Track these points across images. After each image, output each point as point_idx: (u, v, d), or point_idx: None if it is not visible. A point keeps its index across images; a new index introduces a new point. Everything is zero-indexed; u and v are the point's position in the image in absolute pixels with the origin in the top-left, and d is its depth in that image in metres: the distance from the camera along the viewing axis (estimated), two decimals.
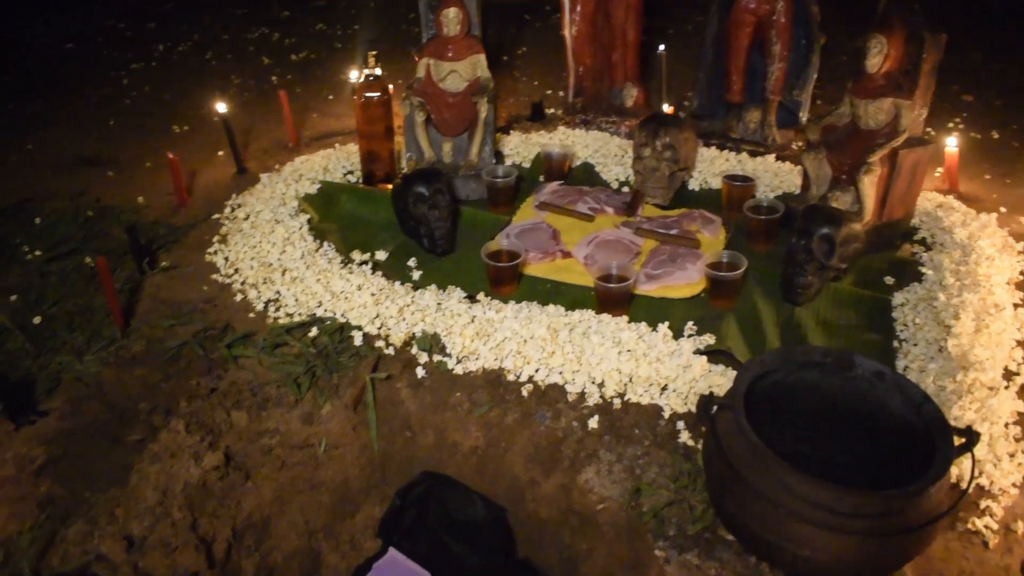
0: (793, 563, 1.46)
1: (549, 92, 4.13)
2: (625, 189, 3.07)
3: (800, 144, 3.20)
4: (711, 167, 3.13)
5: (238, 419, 2.06)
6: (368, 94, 3.00)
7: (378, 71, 3.02)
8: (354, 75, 3.14)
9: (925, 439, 1.52)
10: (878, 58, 2.47)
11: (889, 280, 2.47)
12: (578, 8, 3.38)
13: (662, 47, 3.17)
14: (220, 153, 3.56)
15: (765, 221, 2.61)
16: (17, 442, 1.99)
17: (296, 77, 4.57)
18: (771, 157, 3.17)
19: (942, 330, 2.17)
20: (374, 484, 2.08)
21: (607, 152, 3.29)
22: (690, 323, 2.24)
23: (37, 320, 2.43)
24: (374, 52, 3.03)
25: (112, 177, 3.43)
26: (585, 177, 3.18)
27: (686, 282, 2.43)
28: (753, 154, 3.21)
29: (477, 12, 2.96)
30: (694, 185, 3.08)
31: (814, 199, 2.70)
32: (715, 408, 1.60)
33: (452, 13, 2.91)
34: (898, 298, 2.36)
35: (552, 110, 3.82)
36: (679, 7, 5.12)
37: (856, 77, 2.56)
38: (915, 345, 2.15)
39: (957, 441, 1.50)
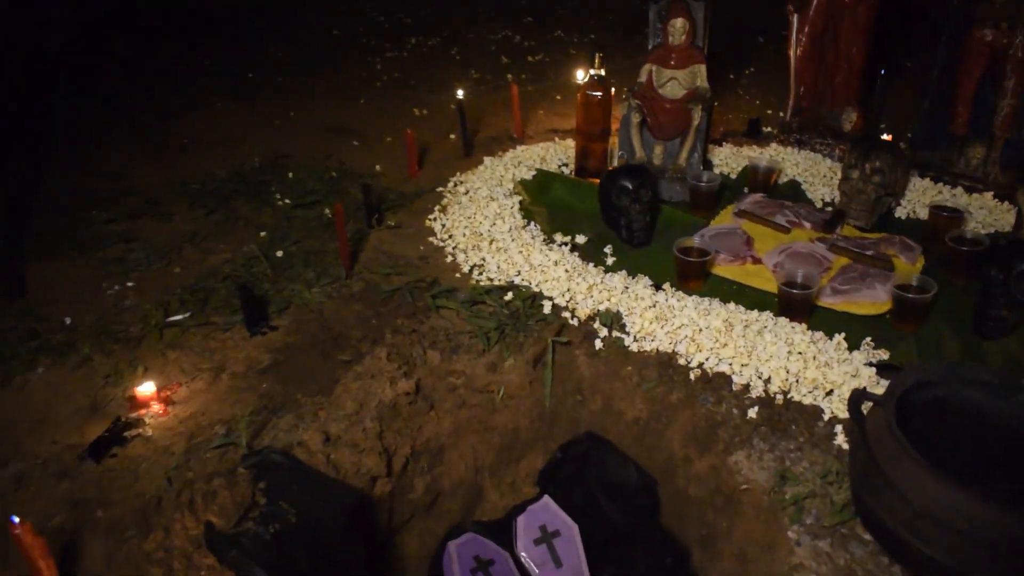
0: (921, 564, 1.49)
1: (769, 111, 4.16)
2: (829, 209, 3.07)
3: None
4: (922, 197, 3.07)
5: (432, 357, 2.32)
6: (590, 92, 3.21)
7: (602, 72, 3.22)
8: (580, 75, 3.35)
9: None
10: None
11: None
12: (806, 28, 3.41)
13: (883, 71, 3.15)
14: (452, 136, 3.90)
15: (967, 253, 2.54)
16: (249, 347, 2.36)
17: (530, 77, 4.88)
18: (989, 194, 3.06)
19: None
20: (541, 436, 2.27)
21: (816, 172, 3.30)
22: (868, 339, 2.25)
23: (280, 253, 2.83)
24: (601, 54, 3.24)
25: (356, 146, 3.86)
26: (790, 193, 3.21)
27: (872, 301, 2.43)
28: (970, 190, 3.11)
29: (704, 24, 3.09)
30: (901, 213, 3.03)
31: None
32: (867, 404, 1.65)
33: (679, 23, 3.06)
34: None
35: (769, 128, 3.86)
36: (914, 36, 4.94)
37: None
38: None
39: None
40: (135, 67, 5.11)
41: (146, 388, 2.13)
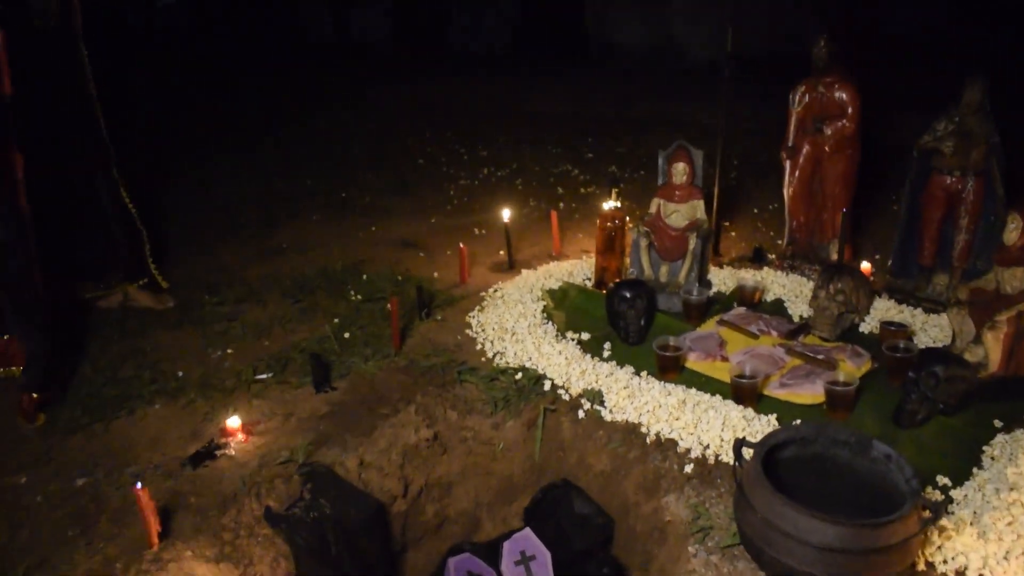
0: (770, 564, 2.03)
1: (780, 241, 4.78)
2: (801, 322, 3.65)
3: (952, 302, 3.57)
4: (885, 315, 3.61)
5: (451, 415, 2.97)
6: (607, 219, 3.93)
7: (618, 203, 3.94)
8: (608, 205, 4.07)
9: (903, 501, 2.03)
10: (1014, 233, 2.93)
11: (998, 424, 2.82)
12: (796, 172, 4.08)
13: (844, 210, 3.76)
14: (501, 252, 4.65)
15: (898, 359, 3.08)
16: (314, 400, 3.06)
17: (579, 205, 5.64)
18: (946, 316, 3.58)
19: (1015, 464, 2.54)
20: (530, 483, 2.88)
21: (798, 293, 3.89)
22: (797, 420, 2.80)
23: (347, 335, 3.58)
24: (618, 188, 3.97)
25: (421, 256, 4.65)
26: (774, 309, 3.80)
27: (811, 393, 2.98)
28: (928, 311, 3.64)
29: (700, 167, 3.80)
30: (865, 328, 3.58)
31: (958, 351, 3.12)
32: (747, 449, 2.22)
33: (680, 167, 3.78)
34: (998, 438, 2.73)
35: (772, 255, 4.48)
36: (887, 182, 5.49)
37: (998, 249, 3.01)
38: (983, 470, 2.54)
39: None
40: (245, 184, 6.15)
41: (233, 421, 2.85)
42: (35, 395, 2.98)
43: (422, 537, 2.79)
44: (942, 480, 2.52)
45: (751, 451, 2.22)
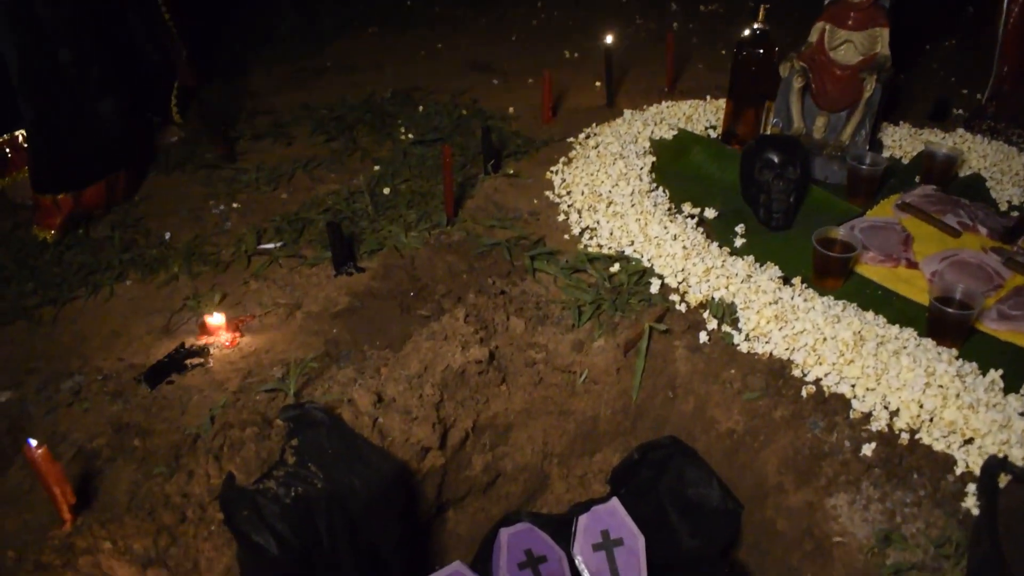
0: None
1: (965, 91, 3.61)
2: (1015, 214, 2.60)
3: None
4: None
5: (515, 325, 2.11)
6: (747, 48, 2.85)
7: (766, 27, 2.84)
8: (747, 31, 2.99)
9: None
10: None
11: None
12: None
13: None
14: (598, 84, 3.62)
15: None
16: (331, 286, 2.23)
17: (697, 27, 4.48)
18: None
19: None
20: (621, 431, 2.04)
21: (1007, 168, 2.80)
22: None
23: (387, 190, 2.69)
24: (767, 5, 2.85)
25: (495, 84, 3.66)
26: (971, 190, 2.74)
27: None
28: None
29: None
30: None
31: None
32: (1004, 477, 1.31)
33: None
34: None
35: (960, 111, 3.34)
36: None
37: None
38: None
39: None
40: None
41: (216, 319, 2.05)
42: None
43: (466, 497, 2.00)
44: None
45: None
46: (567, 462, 2.04)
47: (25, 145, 2.57)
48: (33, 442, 1.45)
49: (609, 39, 3.31)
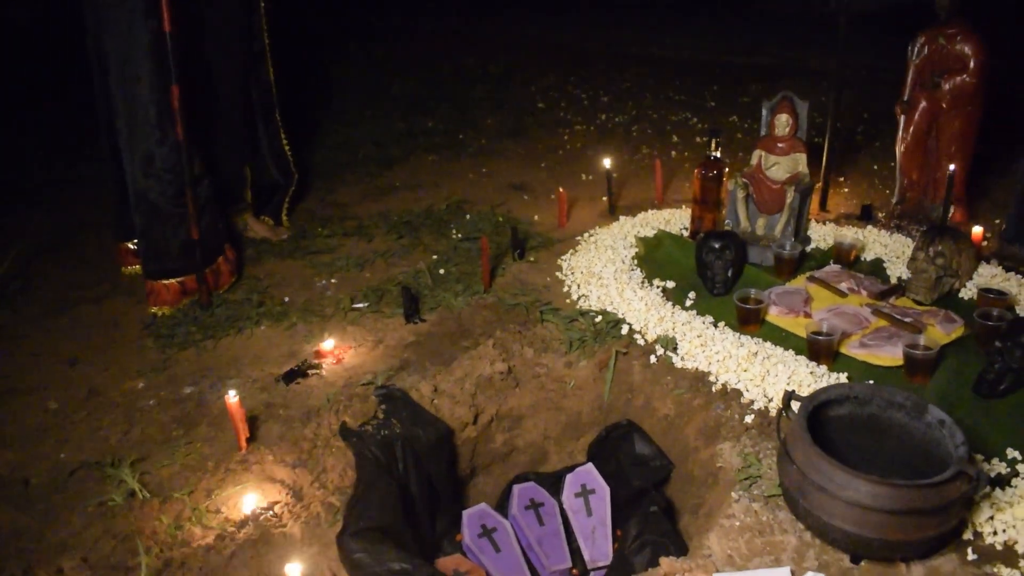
0: (804, 515, 2.07)
1: (895, 199, 4.60)
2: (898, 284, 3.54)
3: None
4: (990, 282, 3.45)
5: (526, 352, 3.11)
6: (705, 170, 3.91)
7: (717, 153, 3.91)
8: (714, 155, 4.03)
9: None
10: None
11: None
12: (911, 128, 3.91)
13: (952, 167, 3.56)
14: (604, 198, 4.70)
15: (988, 327, 2.97)
16: (403, 330, 3.26)
17: (692, 155, 5.58)
18: None
19: None
20: (596, 421, 2.99)
21: (900, 254, 3.76)
22: (871, 381, 2.77)
23: (442, 271, 3.76)
24: (718, 139, 3.93)
25: (526, 200, 4.77)
26: (871, 269, 3.71)
27: (890, 355, 2.93)
28: None
29: (806, 120, 3.71)
30: (965, 294, 3.44)
31: None
32: (796, 404, 2.25)
33: (784, 118, 3.71)
34: None
35: (882, 213, 4.33)
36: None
37: None
38: None
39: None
40: (369, 123, 6.41)
41: (327, 344, 3.09)
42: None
43: (491, 464, 2.97)
44: (1012, 453, 2.46)
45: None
46: (560, 442, 2.99)
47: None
48: (232, 392, 2.48)
49: (608, 163, 4.42)
